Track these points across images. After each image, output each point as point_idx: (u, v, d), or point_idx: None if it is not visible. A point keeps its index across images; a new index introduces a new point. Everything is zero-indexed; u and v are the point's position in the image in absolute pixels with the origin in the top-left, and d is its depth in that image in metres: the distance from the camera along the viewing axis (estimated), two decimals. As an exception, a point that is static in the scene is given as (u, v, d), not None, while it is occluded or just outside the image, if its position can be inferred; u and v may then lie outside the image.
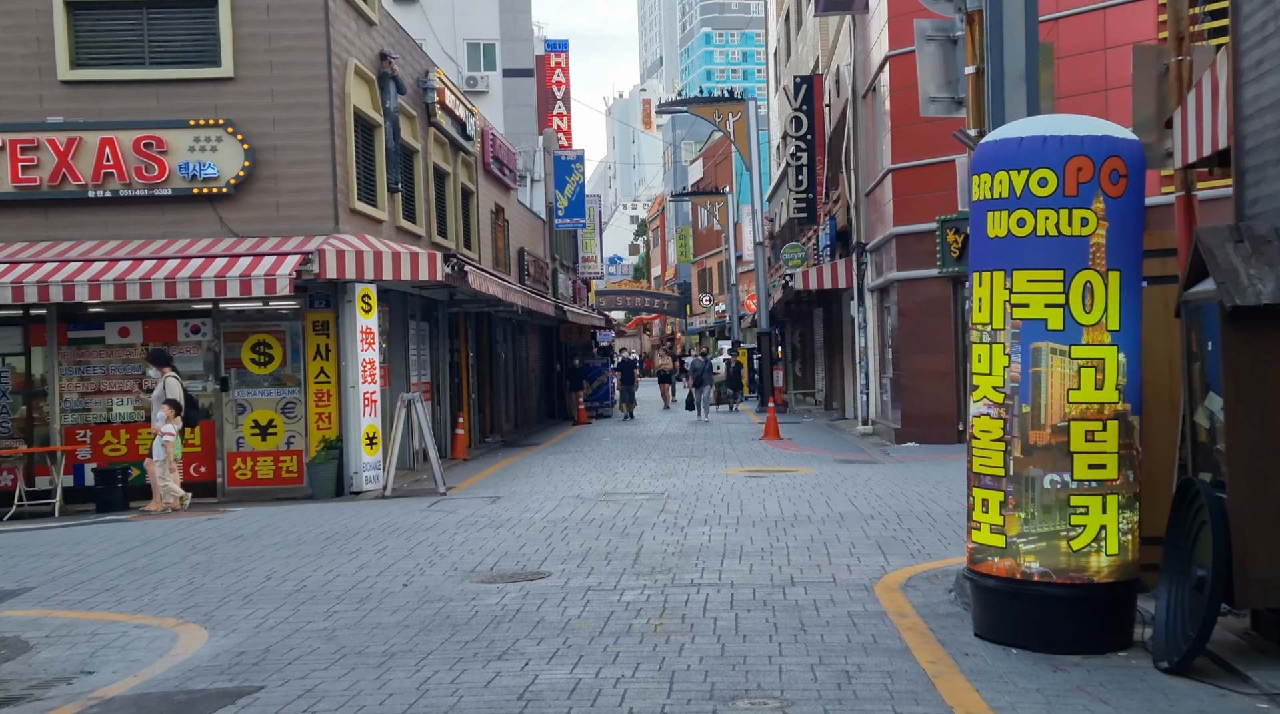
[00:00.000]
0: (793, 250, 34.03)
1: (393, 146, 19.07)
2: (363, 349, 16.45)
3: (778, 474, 17.14)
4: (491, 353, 27.80)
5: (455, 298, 22.50)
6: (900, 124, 21.73)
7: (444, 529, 12.26)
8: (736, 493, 14.79)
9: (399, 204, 19.75)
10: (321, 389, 16.59)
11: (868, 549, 10.37)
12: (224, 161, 16.29)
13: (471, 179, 25.96)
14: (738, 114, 33.87)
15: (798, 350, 43.68)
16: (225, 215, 16.43)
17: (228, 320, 16.76)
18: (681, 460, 19.98)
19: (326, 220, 16.53)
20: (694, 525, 12.01)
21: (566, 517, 12.89)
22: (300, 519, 13.50)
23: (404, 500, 15.30)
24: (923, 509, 12.74)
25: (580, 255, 44.57)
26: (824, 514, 12.56)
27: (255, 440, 16.67)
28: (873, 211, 24.63)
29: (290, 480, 16.68)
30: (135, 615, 8.63)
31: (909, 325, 21.69)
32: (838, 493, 14.51)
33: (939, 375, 21.23)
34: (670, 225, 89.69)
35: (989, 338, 7.21)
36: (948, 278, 21.11)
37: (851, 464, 18.60)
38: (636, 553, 10.45)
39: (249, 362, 16.68)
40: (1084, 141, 6.97)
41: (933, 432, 21.18)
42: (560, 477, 17.77)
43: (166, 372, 15.23)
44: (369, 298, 16.54)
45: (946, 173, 21.02)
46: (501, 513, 13.39)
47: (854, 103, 25.53)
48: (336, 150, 16.63)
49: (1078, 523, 6.91)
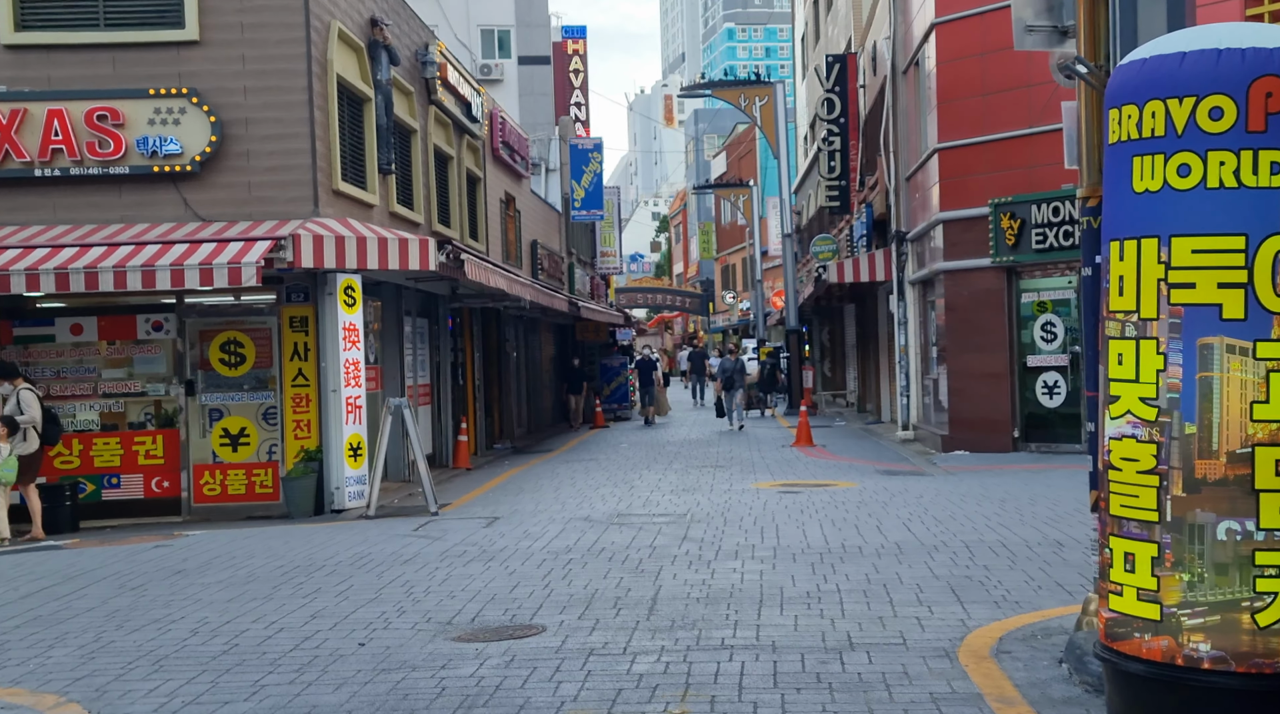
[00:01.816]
0: (823, 242, 32.00)
1: (385, 123, 17.16)
2: (345, 348, 14.54)
3: (815, 489, 15.15)
4: (500, 352, 25.87)
5: (458, 292, 20.58)
6: (948, 99, 19.70)
7: (425, 562, 10.33)
8: (770, 514, 12.81)
9: (393, 188, 17.83)
10: (300, 393, 14.69)
11: (939, 594, 8.39)
12: (188, 136, 14.40)
13: (478, 165, 24.04)
14: (764, 98, 31.87)
15: (827, 349, 41.62)
16: (190, 197, 14.54)
17: (194, 316, 14.88)
18: (705, 471, 18.00)
19: (305, 203, 14.63)
20: (722, 559, 10.04)
21: (572, 545, 10.94)
22: (262, 546, 11.58)
23: (389, 521, 13.38)
24: (995, 538, 10.73)
25: (598, 250, 42.62)
26: (877, 544, 10.57)
27: (225, 451, 14.78)
28: (914, 197, 22.60)
29: (265, 496, 14.79)
30: (9, 690, 6.72)
31: (957, 321, 19.65)
32: (888, 514, 12.51)
33: (991, 376, 19.18)
34: (693, 221, 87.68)
35: (1134, 331, 5.22)
36: (1001, 268, 19.05)
37: (897, 476, 16.60)
38: (653, 599, 8.49)
39: (218, 362, 14.79)
40: (1276, 56, 4.99)
41: (984, 439, 19.14)
42: (570, 491, 15.82)
43: (19, 383, 13.24)
44: (353, 290, 14.63)
45: (999, 152, 19.02)
46: (496, 540, 11.44)
47: (893, 79, 23.49)
48: (316, 123, 14.73)
49: (1267, 589, 4.94)
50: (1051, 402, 18.74)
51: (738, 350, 33.22)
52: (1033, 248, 18.46)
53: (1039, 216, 18.32)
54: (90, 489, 14.50)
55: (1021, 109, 18.75)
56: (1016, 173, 18.87)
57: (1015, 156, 18.91)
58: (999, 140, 19.10)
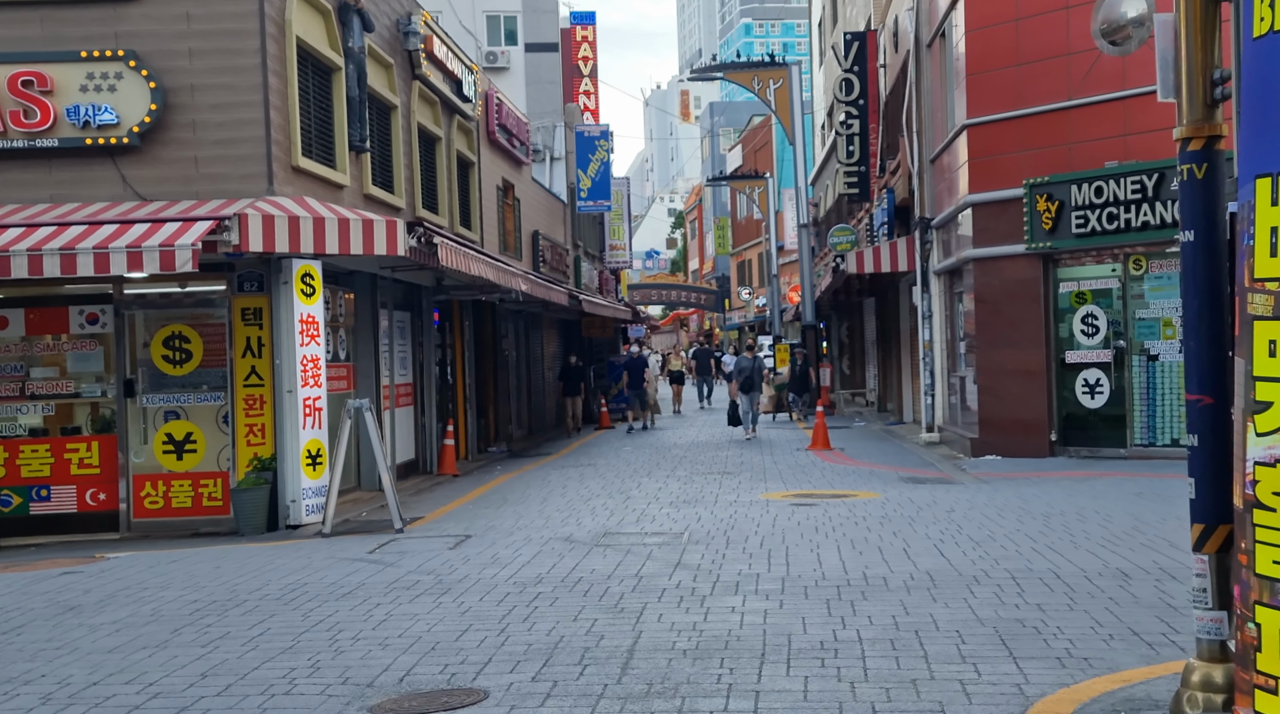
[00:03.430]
0: (841, 232, 30.27)
1: (356, 95, 15.54)
2: (303, 343, 12.92)
3: (832, 501, 13.47)
4: (496, 349, 24.23)
5: (443, 283, 18.96)
6: (977, 70, 17.97)
7: (367, 595, 8.70)
8: (780, 532, 11.14)
9: (368, 168, 16.21)
10: (253, 394, 13.08)
11: (986, 646, 6.71)
12: (126, 104, 12.81)
13: (471, 148, 22.41)
14: (779, 80, 30.13)
15: (845, 345, 39.92)
16: (129, 173, 12.94)
17: (134, 308, 13.29)
18: (711, 479, 16.34)
19: (258, 180, 13.01)
20: (720, 593, 8.38)
21: (544, 574, 9.29)
22: (185, 573, 9.96)
23: (345, 541, 11.75)
24: (1045, 565, 9.03)
25: (607, 243, 40.94)
26: (905, 573, 8.89)
27: (169, 459, 13.18)
28: (939, 180, 20.88)
29: (214, 510, 13.19)
30: None
31: (988, 313, 17.94)
32: (916, 533, 10.83)
33: (1026, 374, 17.45)
34: (708, 216, 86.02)
35: (1296, 308, 3.57)
36: (1037, 255, 17.32)
37: (923, 485, 14.91)
38: (629, 650, 6.84)
39: (161, 360, 13.19)
40: None
41: (1018, 442, 17.42)
42: (558, 502, 14.18)
43: None
44: (311, 278, 13.01)
45: (1035, 127, 17.32)
46: (458, 566, 9.80)
47: (916, 54, 21.78)
48: (271, 91, 13.11)
49: None
50: (1093, 402, 17.00)
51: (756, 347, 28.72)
52: (1072, 232, 16.73)
53: (1079, 198, 16.59)
54: (16, 502, 12.92)
55: (1060, 80, 17.03)
56: (1054, 150, 17.14)
57: (1053, 132, 17.18)
58: (1035, 115, 17.37)
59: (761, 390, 25.34)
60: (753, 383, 24.14)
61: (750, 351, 25.85)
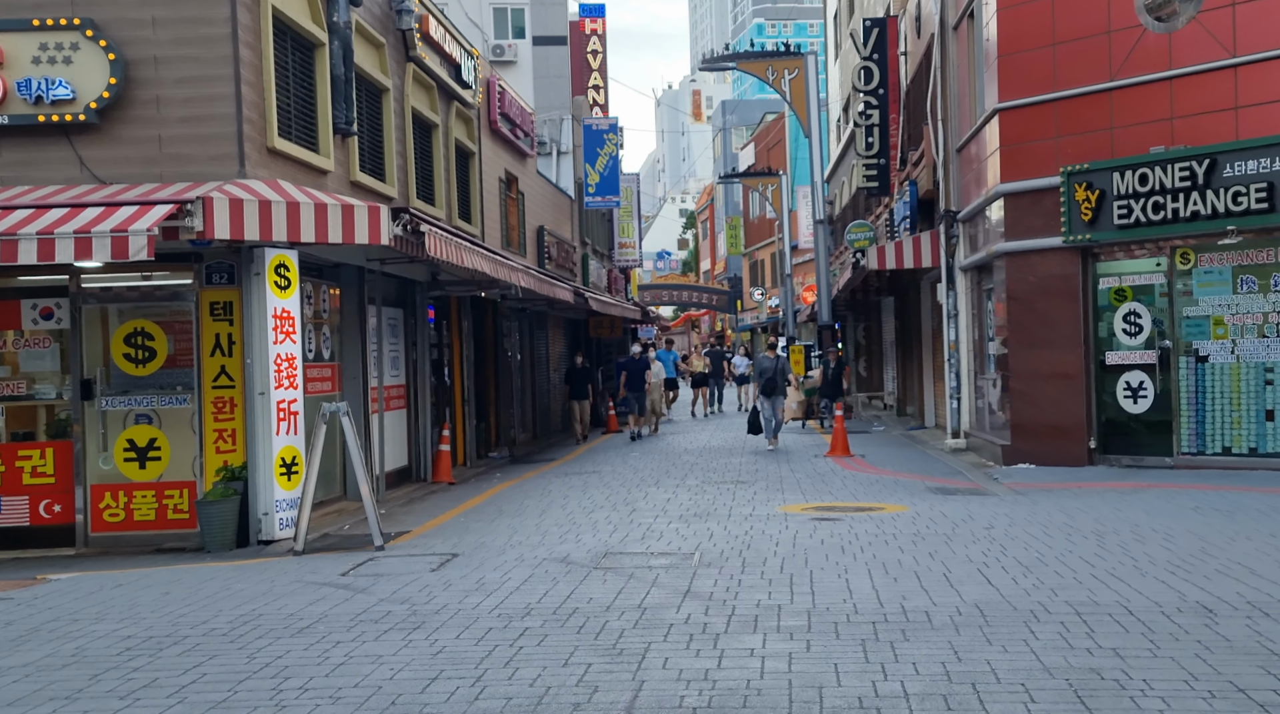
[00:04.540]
0: (858, 229, 29.04)
1: (342, 74, 14.39)
2: (277, 341, 11.77)
3: (858, 515, 12.27)
4: (498, 349, 23.06)
5: (438, 278, 17.81)
6: (1010, 51, 16.75)
7: (328, 629, 7.53)
8: (802, 553, 9.95)
9: (355, 153, 15.06)
10: (223, 396, 11.94)
11: (1060, 706, 5.52)
12: (83, 78, 11.67)
13: (471, 137, 21.26)
14: (794, 70, 28.89)
15: (862, 346, 38.69)
16: (87, 154, 11.81)
17: (93, 301, 12.16)
18: (724, 488, 15.15)
19: (229, 161, 11.87)
20: (736, 630, 7.19)
21: (534, 603, 8.11)
22: (127, 601, 8.79)
23: (319, 559, 10.59)
24: (1111, 597, 7.82)
25: (616, 241, 39.76)
26: (950, 605, 7.69)
27: (131, 468, 12.04)
28: (966, 171, 19.66)
29: (180, 523, 12.06)
30: None
31: (1020, 311, 16.72)
32: (955, 554, 9.63)
33: (1062, 377, 16.24)
34: (720, 216, 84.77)
35: None
36: (1075, 249, 16.10)
37: (954, 496, 13.71)
38: (628, 709, 5.66)
39: (122, 359, 12.06)
40: None
41: (1053, 450, 16.21)
42: (557, 515, 13.00)
43: None
44: (286, 269, 11.86)
45: (1073, 111, 16.15)
46: (438, 593, 8.62)
47: (941, 36, 20.56)
48: (243, 63, 11.96)
49: None
50: (1136, 406, 15.77)
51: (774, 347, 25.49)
52: (1114, 223, 15.51)
53: (1122, 186, 15.37)
54: (-43, 516, 11.83)
55: (1100, 60, 15.81)
56: (1094, 136, 15.92)
57: (1092, 116, 15.96)
58: (1072, 97, 16.14)
59: (786, 393, 22.60)
60: (775, 385, 21.67)
61: (772, 350, 22.75)
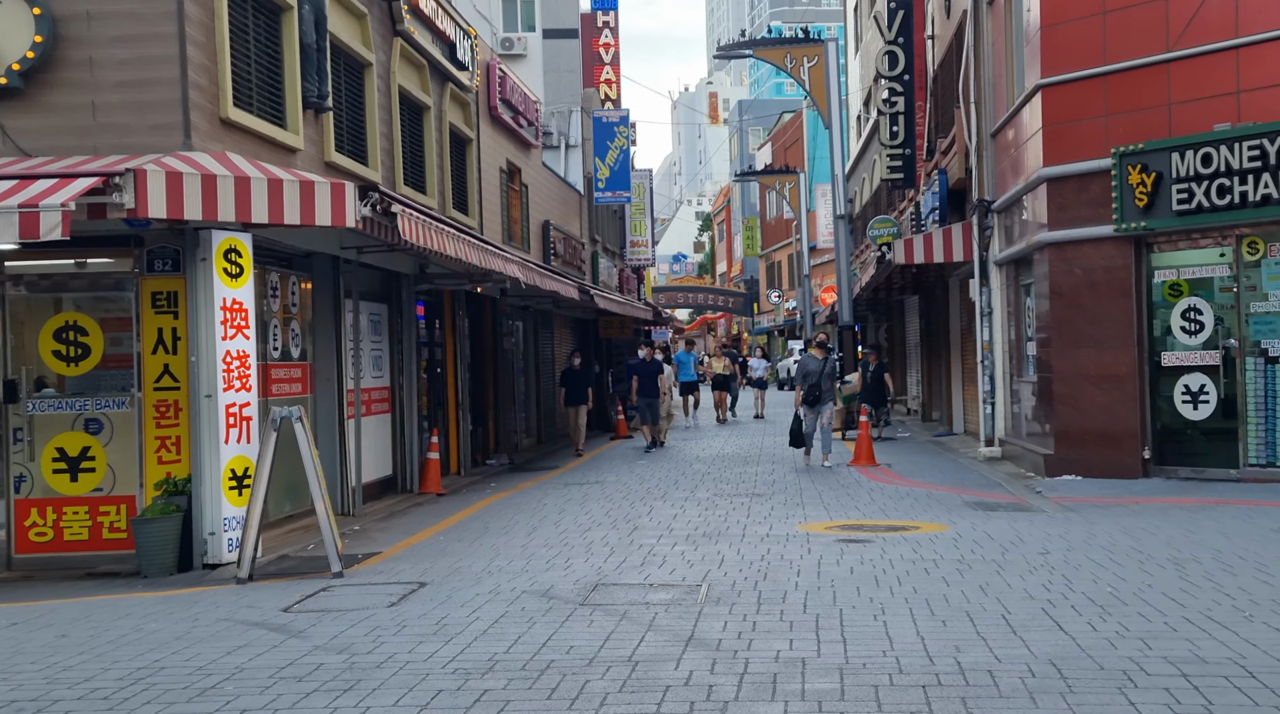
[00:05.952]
0: (881, 224, 27.49)
1: (314, 42, 12.95)
2: (227, 336, 10.30)
3: (890, 535, 10.73)
4: (498, 350, 21.56)
5: (427, 271, 16.33)
6: (1053, 22, 15.20)
7: (237, 692, 6.02)
8: (829, 584, 8.42)
9: (330, 130, 13.60)
10: (165, 399, 10.47)
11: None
12: (4, 36, 10.24)
13: (469, 123, 19.79)
14: (814, 58, 27.35)
15: (884, 348, 37.06)
16: (9, 122, 10.36)
17: (17, 289, 10.70)
18: (738, 502, 13.63)
19: (172, 132, 10.41)
20: (749, 696, 5.66)
21: (501, 654, 6.60)
22: (12, 648, 7.29)
23: (265, 589, 9.10)
24: (1218, 650, 6.27)
25: (628, 239, 38.24)
26: (1018, 661, 6.15)
27: (61, 480, 10.57)
28: (1002, 157, 18.10)
29: (117, 544, 10.58)
30: None
31: (1065, 308, 15.14)
32: (1012, 589, 8.09)
33: (1112, 379, 14.68)
34: (736, 217, 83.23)
35: None
36: (1127, 238, 14.54)
37: (997, 513, 12.16)
38: (599, 826, 4.16)
39: (51, 356, 10.59)
40: None
41: (1102, 460, 14.64)
42: (548, 533, 11.49)
43: None
44: (238, 254, 10.39)
45: (1125, 86, 14.63)
46: (386, 638, 7.11)
47: (974, 13, 19.00)
48: (189, 20, 10.50)
49: None
50: (1196, 412, 14.19)
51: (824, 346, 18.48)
52: (1173, 209, 13.94)
53: (1182, 168, 13.80)
54: None
55: (1156, 29, 14.26)
56: (1149, 113, 14.36)
57: (1148, 92, 14.40)
58: (1124, 71, 14.58)
59: (834, 401, 18.76)
60: (820, 391, 17.83)
61: (820, 348, 18.17)
